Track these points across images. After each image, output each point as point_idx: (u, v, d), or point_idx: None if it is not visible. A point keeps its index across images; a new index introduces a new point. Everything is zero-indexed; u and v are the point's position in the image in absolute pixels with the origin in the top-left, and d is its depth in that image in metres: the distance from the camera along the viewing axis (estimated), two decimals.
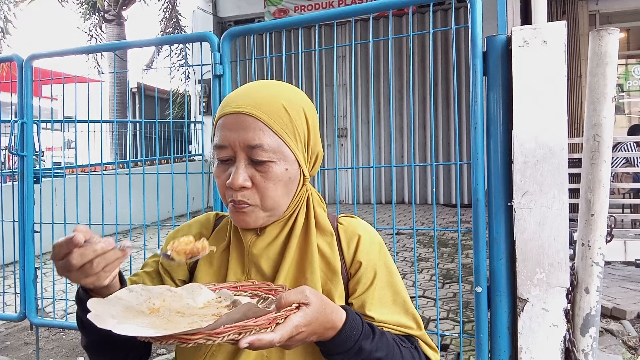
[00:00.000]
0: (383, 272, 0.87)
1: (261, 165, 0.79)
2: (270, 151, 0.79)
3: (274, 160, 0.79)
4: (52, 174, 2.88)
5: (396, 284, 0.88)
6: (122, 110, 9.74)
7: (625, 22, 7.23)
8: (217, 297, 0.77)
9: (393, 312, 0.85)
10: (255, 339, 0.61)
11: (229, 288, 0.80)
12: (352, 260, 0.86)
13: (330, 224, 0.88)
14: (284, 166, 0.81)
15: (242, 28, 2.30)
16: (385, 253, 0.89)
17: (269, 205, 0.81)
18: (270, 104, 0.80)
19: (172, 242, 0.77)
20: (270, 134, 0.79)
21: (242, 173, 0.79)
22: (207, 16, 9.29)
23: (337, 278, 0.85)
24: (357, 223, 0.91)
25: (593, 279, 1.57)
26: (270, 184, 0.80)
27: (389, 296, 0.86)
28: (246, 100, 0.80)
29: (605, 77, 1.50)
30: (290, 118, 0.81)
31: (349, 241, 0.88)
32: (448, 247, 5.37)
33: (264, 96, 0.81)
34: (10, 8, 9.96)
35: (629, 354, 2.82)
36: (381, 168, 8.39)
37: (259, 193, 0.80)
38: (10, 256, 3.03)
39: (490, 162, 1.74)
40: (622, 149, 5.11)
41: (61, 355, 3.10)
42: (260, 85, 0.84)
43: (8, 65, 3.63)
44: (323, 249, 0.86)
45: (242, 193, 0.79)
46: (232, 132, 0.79)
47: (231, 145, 0.79)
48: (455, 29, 1.93)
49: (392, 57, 2.02)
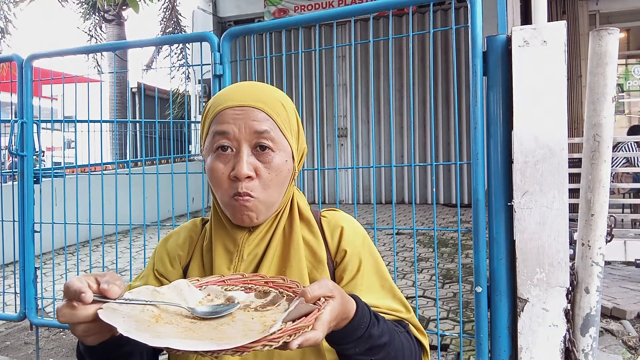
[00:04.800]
0: (368, 259, 0.89)
1: (264, 154, 0.80)
2: (274, 140, 0.80)
3: (275, 151, 0.81)
4: (52, 174, 2.88)
5: (382, 270, 0.90)
6: (122, 110, 9.74)
7: (625, 22, 7.23)
8: (206, 296, 0.74)
9: (382, 297, 0.86)
10: (304, 340, 0.60)
11: (215, 282, 0.77)
12: (337, 249, 0.88)
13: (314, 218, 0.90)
14: (284, 157, 0.82)
15: (242, 28, 2.30)
16: (369, 242, 0.91)
17: (271, 199, 0.82)
18: (270, 99, 0.83)
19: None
20: (273, 125, 0.81)
21: (248, 163, 0.79)
22: (207, 16, 9.29)
23: (323, 266, 0.86)
24: (340, 215, 0.93)
25: (593, 279, 1.57)
26: (274, 175, 0.81)
27: (377, 282, 0.88)
28: (247, 95, 0.82)
29: (605, 77, 1.50)
30: (287, 113, 0.84)
31: (333, 231, 0.89)
32: (448, 247, 5.37)
33: (264, 92, 0.84)
34: (10, 8, 9.96)
35: (629, 354, 2.82)
36: (381, 168, 8.39)
37: (262, 184, 0.80)
38: (10, 256, 3.03)
39: (490, 162, 1.74)
40: (622, 149, 5.11)
41: (61, 355, 3.10)
42: (254, 84, 0.87)
43: (8, 65, 3.63)
44: (307, 238, 0.87)
45: (246, 184, 0.79)
46: (237, 120, 0.79)
47: (235, 136, 0.79)
48: (455, 29, 1.93)
49: (392, 57, 2.02)
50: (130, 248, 2.95)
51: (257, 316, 0.69)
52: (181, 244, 0.92)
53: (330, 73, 8.87)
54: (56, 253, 4.84)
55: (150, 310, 0.67)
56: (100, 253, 5.09)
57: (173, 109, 11.24)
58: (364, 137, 8.86)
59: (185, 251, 0.91)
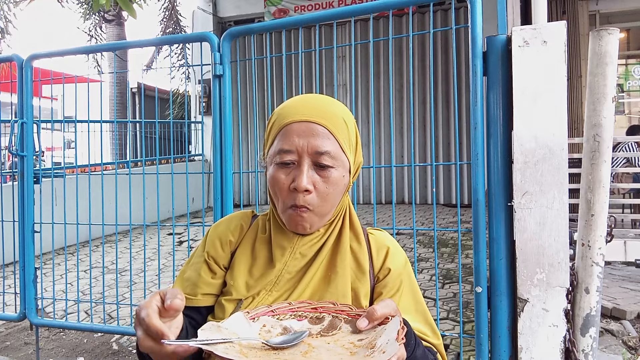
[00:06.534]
0: (408, 282, 0.93)
1: (324, 170, 0.86)
2: (334, 158, 0.86)
3: (335, 167, 0.86)
4: (52, 174, 2.88)
5: (418, 295, 0.94)
6: (122, 110, 9.73)
7: (625, 22, 7.23)
8: (262, 327, 0.75)
9: (415, 320, 0.90)
10: (397, 358, 0.63)
11: (264, 313, 0.78)
12: (382, 266, 0.93)
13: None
14: (342, 172, 0.88)
15: (242, 28, 2.30)
16: (409, 266, 0.96)
17: (325, 210, 0.88)
18: (334, 115, 0.88)
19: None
20: (334, 142, 0.86)
21: (308, 177, 0.84)
22: (207, 16, 9.29)
23: (365, 278, 0.90)
24: (387, 235, 0.99)
25: (593, 279, 1.57)
26: (331, 189, 0.86)
27: (412, 305, 0.92)
28: (312, 111, 0.87)
29: (605, 77, 1.50)
30: (347, 129, 0.89)
31: (379, 249, 0.94)
32: (448, 247, 5.37)
33: (328, 109, 0.88)
34: (10, 8, 9.96)
35: (629, 354, 2.82)
36: (381, 168, 8.39)
37: (319, 197, 0.86)
38: (10, 256, 3.03)
39: (490, 162, 1.74)
40: (622, 149, 5.11)
41: (61, 355, 3.10)
42: (320, 98, 0.91)
43: (8, 65, 3.63)
44: (355, 249, 0.92)
45: (304, 197, 0.85)
46: (302, 138, 0.85)
47: (298, 150, 0.85)
48: (455, 29, 1.93)
49: (392, 57, 2.02)
50: (130, 248, 2.95)
51: (332, 341, 0.70)
52: (232, 229, 0.97)
53: (330, 73, 8.87)
54: (56, 253, 4.85)
55: (232, 346, 0.68)
56: (100, 253, 5.09)
57: (173, 109, 11.24)
58: (364, 137, 8.86)
59: (235, 237, 0.96)
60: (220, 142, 2.26)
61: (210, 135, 2.32)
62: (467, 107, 7.80)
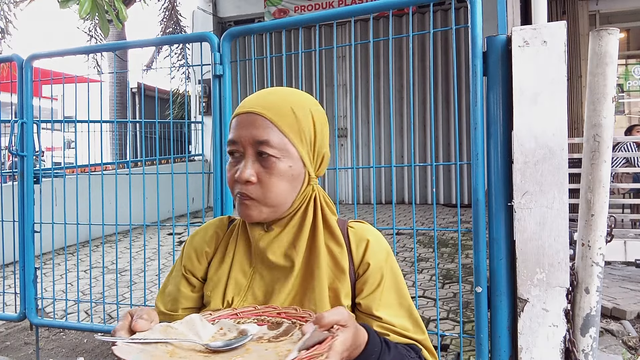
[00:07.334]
0: (390, 275, 0.90)
1: (266, 160, 0.85)
2: (275, 148, 0.84)
3: (278, 157, 0.85)
4: (52, 174, 2.88)
5: (402, 288, 0.91)
6: (122, 110, 9.73)
7: (625, 22, 7.23)
8: (218, 330, 0.75)
9: (398, 315, 0.88)
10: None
11: (227, 316, 0.78)
12: (361, 261, 0.89)
13: (340, 228, 0.92)
14: (288, 163, 0.86)
15: (242, 28, 2.30)
16: (392, 259, 0.93)
17: (272, 200, 0.86)
18: (278, 105, 0.87)
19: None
20: (276, 132, 0.85)
21: (249, 168, 0.85)
22: (207, 16, 9.29)
23: (345, 277, 0.87)
24: (367, 228, 0.94)
25: (593, 279, 1.57)
26: (274, 179, 0.85)
27: (395, 299, 0.89)
28: (257, 102, 0.87)
29: (605, 77, 1.50)
30: (296, 119, 0.87)
31: (358, 243, 0.91)
32: (448, 247, 5.37)
33: (273, 99, 0.88)
34: (10, 8, 9.96)
35: (629, 354, 2.82)
36: (381, 168, 8.39)
37: (263, 188, 0.85)
38: (10, 256, 3.03)
39: (490, 162, 1.74)
40: (622, 149, 5.11)
41: (61, 355, 3.10)
42: (272, 90, 0.91)
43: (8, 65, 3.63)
44: (332, 248, 0.89)
45: (246, 187, 0.85)
46: (243, 129, 0.86)
47: (241, 142, 0.86)
48: (455, 29, 1.93)
49: (392, 57, 2.02)
50: (130, 248, 2.95)
51: (271, 347, 0.69)
52: (208, 240, 0.97)
53: (330, 73, 8.87)
54: (56, 253, 4.85)
55: (164, 346, 0.69)
56: (100, 253, 5.09)
57: (173, 109, 11.25)
58: (364, 137, 8.86)
59: (212, 247, 0.96)
60: (220, 142, 2.26)
61: (210, 135, 2.32)
62: (467, 107, 7.80)
